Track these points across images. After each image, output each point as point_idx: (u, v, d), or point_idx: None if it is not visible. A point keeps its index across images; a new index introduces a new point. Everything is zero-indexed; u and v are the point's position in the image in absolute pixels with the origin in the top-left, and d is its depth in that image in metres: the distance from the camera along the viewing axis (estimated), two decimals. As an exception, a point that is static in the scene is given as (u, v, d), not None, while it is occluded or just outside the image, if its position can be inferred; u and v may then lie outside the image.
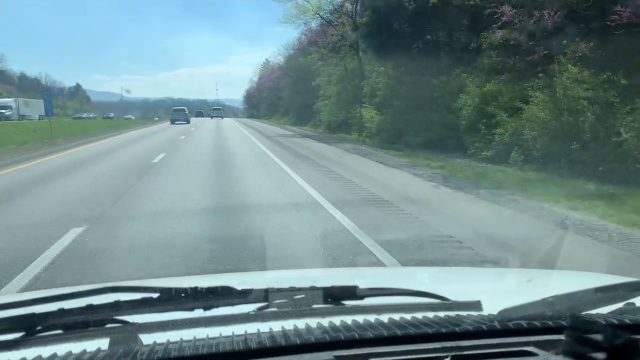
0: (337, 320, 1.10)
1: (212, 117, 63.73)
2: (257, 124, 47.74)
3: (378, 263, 4.45)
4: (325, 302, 1.20)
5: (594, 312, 1.11)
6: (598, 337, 0.89)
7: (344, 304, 1.21)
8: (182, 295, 1.12)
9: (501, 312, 1.11)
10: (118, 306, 1.09)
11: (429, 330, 1.03)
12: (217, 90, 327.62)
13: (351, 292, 1.22)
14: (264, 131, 32.63)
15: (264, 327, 1.06)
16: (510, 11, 12.29)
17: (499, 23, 12.60)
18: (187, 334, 1.03)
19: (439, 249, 4.94)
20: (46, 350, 0.97)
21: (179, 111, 46.55)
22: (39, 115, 51.68)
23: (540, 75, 12.01)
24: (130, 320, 1.08)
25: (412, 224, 6.06)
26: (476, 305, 1.21)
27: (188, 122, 45.03)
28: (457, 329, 1.04)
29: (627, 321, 1.07)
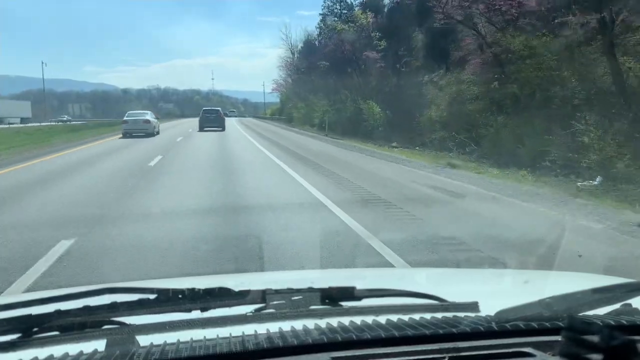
0: (334, 321, 1.10)
1: (228, 116, 73.98)
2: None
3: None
4: (323, 303, 1.20)
5: (591, 313, 1.12)
6: (595, 338, 0.89)
7: (341, 305, 1.21)
8: (180, 296, 1.12)
9: (498, 313, 1.11)
10: (115, 307, 1.09)
11: (427, 332, 1.03)
12: (213, 79, 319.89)
13: (349, 293, 1.22)
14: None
15: (261, 328, 1.06)
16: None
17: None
18: (184, 336, 1.02)
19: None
20: (43, 352, 0.96)
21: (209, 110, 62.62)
22: None
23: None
24: (127, 322, 1.08)
25: None
26: (473, 307, 1.21)
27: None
28: (454, 330, 1.04)
29: (624, 322, 1.07)
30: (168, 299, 1.12)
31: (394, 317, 1.11)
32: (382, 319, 1.10)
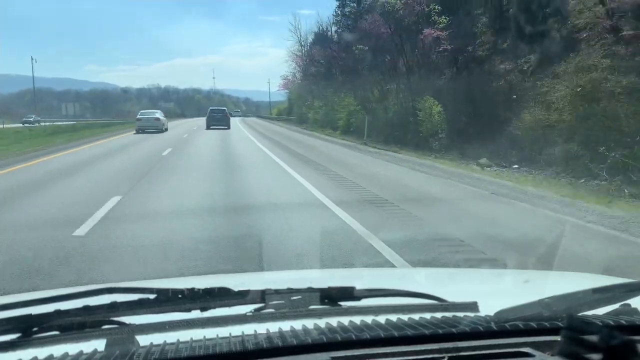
0: (334, 321, 1.10)
1: (232, 116, 70.08)
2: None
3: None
4: (322, 303, 1.20)
5: (590, 313, 1.12)
6: (594, 338, 0.89)
7: (341, 305, 1.21)
8: (179, 296, 1.12)
9: (498, 313, 1.11)
10: (115, 307, 1.09)
11: (426, 331, 1.03)
12: (214, 78, 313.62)
13: (348, 293, 1.22)
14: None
15: (260, 328, 1.06)
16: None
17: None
18: (184, 335, 1.02)
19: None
20: (43, 352, 0.96)
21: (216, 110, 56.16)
22: None
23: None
24: (127, 322, 1.08)
25: None
26: (473, 306, 1.21)
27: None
28: (454, 330, 1.04)
29: (623, 322, 1.07)
30: (168, 299, 1.12)
31: (394, 317, 1.11)
32: (381, 318, 1.10)
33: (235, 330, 1.06)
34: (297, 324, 1.07)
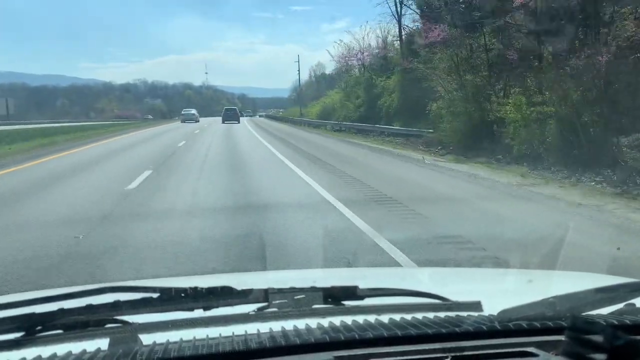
0: (337, 320, 1.10)
1: (243, 116, 72.38)
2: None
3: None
4: (326, 302, 1.20)
5: (594, 312, 1.11)
6: (598, 337, 0.89)
7: (344, 305, 1.21)
8: (182, 295, 1.12)
9: (501, 313, 1.10)
10: (118, 306, 1.09)
11: (429, 331, 1.03)
12: (206, 73, 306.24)
13: (351, 293, 1.22)
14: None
15: (264, 327, 1.06)
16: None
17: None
18: (187, 334, 1.03)
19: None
20: (46, 350, 0.97)
21: (229, 109, 60.21)
22: None
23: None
24: (130, 321, 1.08)
25: None
26: (476, 306, 1.21)
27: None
28: (457, 329, 1.04)
29: (628, 322, 1.07)
30: (171, 298, 1.12)
31: (397, 317, 1.11)
32: (384, 318, 1.10)
33: (239, 329, 1.06)
34: (300, 323, 1.07)
